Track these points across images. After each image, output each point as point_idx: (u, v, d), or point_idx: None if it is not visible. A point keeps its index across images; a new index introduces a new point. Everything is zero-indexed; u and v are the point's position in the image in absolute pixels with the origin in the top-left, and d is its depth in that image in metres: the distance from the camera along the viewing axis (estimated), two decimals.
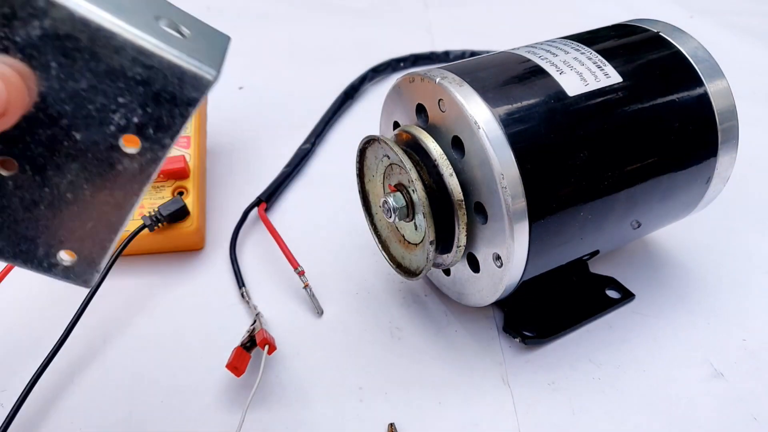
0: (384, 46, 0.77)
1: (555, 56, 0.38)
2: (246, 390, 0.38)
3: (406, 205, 0.38)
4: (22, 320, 0.43)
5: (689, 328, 0.43)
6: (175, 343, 0.42)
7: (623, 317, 0.43)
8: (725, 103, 0.40)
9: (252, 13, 0.88)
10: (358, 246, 0.49)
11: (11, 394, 0.38)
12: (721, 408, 0.38)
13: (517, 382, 0.39)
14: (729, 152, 0.41)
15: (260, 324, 0.41)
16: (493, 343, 0.42)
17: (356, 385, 0.39)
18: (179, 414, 0.37)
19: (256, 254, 0.49)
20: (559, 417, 0.37)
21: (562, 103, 0.35)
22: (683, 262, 0.48)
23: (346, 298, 0.45)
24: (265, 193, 0.53)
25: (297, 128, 0.62)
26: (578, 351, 0.41)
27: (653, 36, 0.41)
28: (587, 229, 0.37)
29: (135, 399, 0.38)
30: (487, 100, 0.34)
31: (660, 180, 0.38)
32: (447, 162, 0.36)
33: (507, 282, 0.36)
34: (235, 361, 0.37)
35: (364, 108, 0.68)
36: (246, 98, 0.70)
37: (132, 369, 0.40)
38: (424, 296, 0.45)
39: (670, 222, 0.44)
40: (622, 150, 0.36)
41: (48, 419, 0.37)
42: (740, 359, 0.41)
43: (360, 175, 0.43)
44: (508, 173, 0.33)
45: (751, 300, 0.45)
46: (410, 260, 0.40)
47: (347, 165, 0.47)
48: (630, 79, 0.37)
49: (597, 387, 0.39)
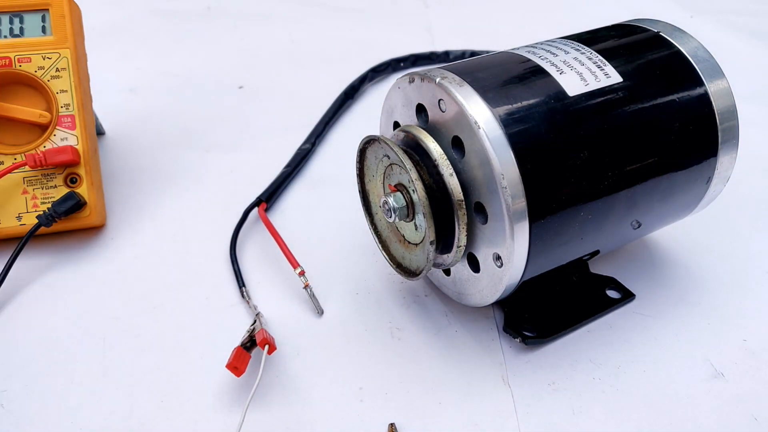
0: (384, 46, 0.77)
1: (555, 56, 0.38)
2: (245, 390, 0.38)
3: (406, 205, 0.38)
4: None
5: (689, 328, 0.43)
6: (175, 342, 0.42)
7: (623, 317, 0.43)
8: (725, 103, 0.40)
9: (252, 13, 0.88)
10: (358, 246, 0.49)
11: (11, 394, 0.38)
12: (721, 408, 0.38)
13: (517, 382, 0.39)
14: (729, 152, 0.41)
15: (260, 324, 0.41)
16: (493, 343, 0.42)
17: (356, 385, 0.39)
18: (179, 414, 0.37)
19: (256, 254, 0.49)
20: (560, 417, 0.37)
21: (562, 103, 0.35)
22: (683, 262, 0.48)
23: (346, 298, 0.45)
24: (265, 193, 0.53)
25: (297, 128, 0.62)
26: (578, 351, 0.41)
27: (653, 36, 0.41)
28: (587, 229, 0.37)
29: (135, 399, 0.38)
30: (487, 100, 0.34)
31: (660, 180, 0.38)
32: (447, 162, 0.36)
33: (507, 282, 0.36)
34: (235, 361, 0.37)
35: (364, 108, 0.68)
36: (246, 98, 0.70)
37: (132, 369, 0.40)
38: (424, 296, 0.45)
39: (671, 222, 0.44)
40: (623, 150, 0.36)
41: (48, 419, 0.37)
42: (740, 359, 0.41)
43: (360, 175, 0.43)
44: (508, 173, 0.33)
45: (751, 300, 0.45)
46: (410, 260, 0.40)
47: (347, 165, 0.47)
48: (630, 79, 0.38)
49: (597, 387, 0.39)
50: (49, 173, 0.46)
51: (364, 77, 0.70)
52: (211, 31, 0.84)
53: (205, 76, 0.74)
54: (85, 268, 0.47)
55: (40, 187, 0.46)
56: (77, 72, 0.47)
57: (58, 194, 0.46)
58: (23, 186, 0.46)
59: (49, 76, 0.47)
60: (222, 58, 0.77)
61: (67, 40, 0.47)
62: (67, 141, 0.47)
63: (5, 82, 0.47)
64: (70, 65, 0.47)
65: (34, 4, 0.47)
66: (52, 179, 0.47)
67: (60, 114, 0.47)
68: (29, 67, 0.46)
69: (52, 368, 0.39)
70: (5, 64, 0.46)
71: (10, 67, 0.46)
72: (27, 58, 0.46)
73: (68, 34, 0.47)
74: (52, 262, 0.47)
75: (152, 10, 0.87)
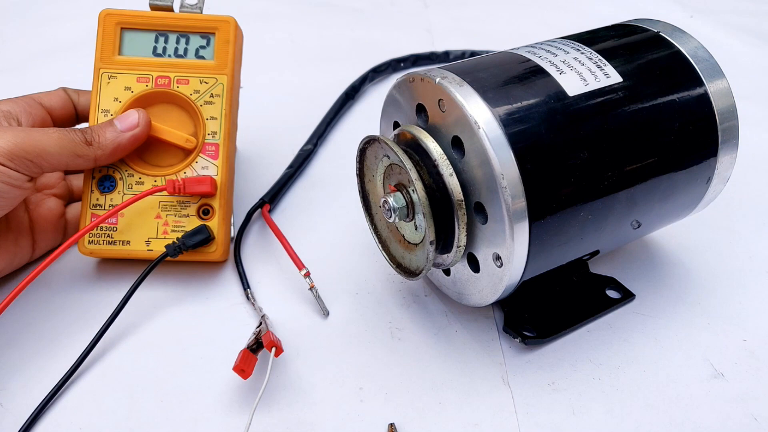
0: (384, 46, 0.77)
1: (555, 56, 0.38)
2: (245, 390, 0.38)
3: (406, 205, 0.38)
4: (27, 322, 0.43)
5: (689, 328, 0.43)
6: (180, 345, 0.41)
7: (623, 317, 0.44)
8: (725, 103, 0.40)
9: (252, 13, 0.88)
10: (359, 246, 0.49)
11: (11, 394, 0.38)
12: (721, 408, 0.38)
13: (517, 382, 0.39)
14: (729, 152, 0.41)
15: (267, 326, 0.40)
16: (493, 343, 0.42)
17: (356, 385, 0.39)
18: (179, 414, 0.37)
19: (259, 255, 0.49)
20: (560, 417, 0.37)
21: (562, 103, 0.35)
22: (683, 262, 0.48)
23: (346, 299, 0.45)
24: (268, 194, 0.53)
25: (297, 128, 0.62)
26: (578, 351, 0.41)
27: (653, 36, 0.41)
28: (587, 229, 0.37)
29: (137, 401, 0.38)
30: (487, 100, 0.34)
31: (660, 180, 0.38)
32: (447, 162, 0.36)
33: (507, 282, 0.36)
34: (242, 363, 0.37)
35: (365, 108, 0.68)
36: (246, 98, 0.70)
37: (136, 371, 0.40)
38: (424, 296, 0.45)
39: (671, 222, 0.44)
40: (622, 150, 0.36)
41: (48, 419, 0.37)
42: (740, 359, 0.41)
43: (360, 175, 0.43)
44: (508, 173, 0.33)
45: (751, 300, 0.45)
46: (410, 260, 0.40)
47: (348, 165, 0.47)
48: (630, 79, 0.38)
49: (597, 387, 0.39)
50: (185, 201, 0.45)
51: (364, 77, 0.70)
52: None
53: None
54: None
55: (173, 214, 0.45)
56: (230, 100, 0.46)
57: (189, 224, 0.44)
58: (158, 210, 0.45)
59: (203, 101, 0.45)
60: None
61: (226, 66, 0.46)
62: (207, 170, 0.45)
63: (160, 101, 0.46)
64: (225, 92, 0.46)
65: (203, 26, 0.46)
66: (185, 207, 0.45)
67: (206, 141, 0.45)
68: (186, 89, 0.45)
69: (53, 367, 0.39)
70: (164, 84, 0.45)
71: (168, 87, 0.45)
72: (185, 80, 0.45)
73: (229, 60, 0.46)
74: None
75: None
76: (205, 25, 0.46)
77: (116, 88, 0.45)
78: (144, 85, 0.45)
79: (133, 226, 0.44)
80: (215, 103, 0.46)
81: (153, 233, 0.44)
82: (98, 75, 0.45)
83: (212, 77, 0.46)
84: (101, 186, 0.45)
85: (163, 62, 0.46)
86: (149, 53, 0.46)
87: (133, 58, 0.46)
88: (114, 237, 0.44)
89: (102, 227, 0.44)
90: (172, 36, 0.46)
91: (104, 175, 0.45)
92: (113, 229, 0.44)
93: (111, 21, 0.46)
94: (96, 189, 0.45)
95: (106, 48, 0.46)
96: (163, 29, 0.46)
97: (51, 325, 0.42)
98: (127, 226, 0.44)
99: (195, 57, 0.46)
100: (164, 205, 0.45)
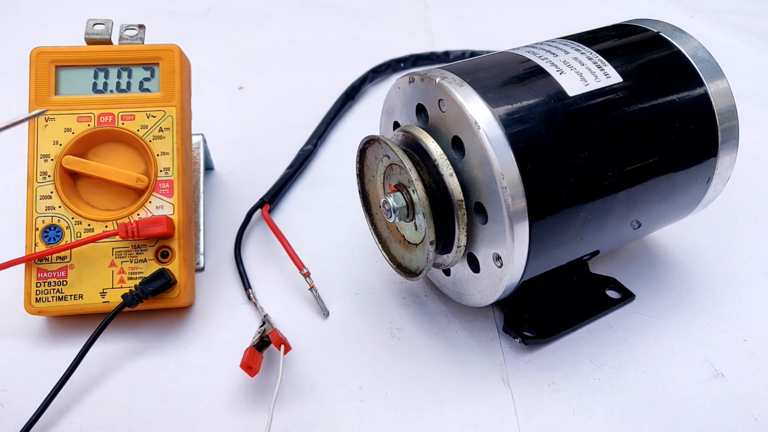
0: (384, 47, 0.77)
1: (555, 56, 0.38)
2: (245, 390, 0.38)
3: (406, 205, 0.38)
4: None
5: (689, 328, 0.43)
6: (182, 345, 0.42)
7: (623, 317, 0.44)
8: (725, 103, 0.40)
9: (252, 13, 0.88)
10: (359, 246, 0.49)
11: (11, 394, 0.38)
12: (721, 408, 0.38)
13: (517, 383, 0.39)
14: (729, 152, 0.41)
15: (271, 325, 0.40)
16: (493, 343, 0.42)
17: (356, 385, 0.39)
18: (179, 414, 0.37)
19: (259, 256, 0.49)
20: (560, 417, 0.37)
21: (562, 103, 0.35)
22: (683, 262, 0.48)
23: (346, 299, 0.45)
24: (268, 195, 0.53)
25: (298, 128, 0.62)
26: (578, 351, 0.41)
27: (653, 36, 0.41)
28: (587, 229, 0.37)
29: (135, 399, 0.38)
30: (487, 100, 0.34)
31: (660, 180, 0.38)
32: (447, 162, 0.36)
33: (507, 282, 0.36)
34: (249, 360, 0.37)
35: (365, 108, 0.68)
36: (246, 99, 0.70)
37: (137, 372, 0.40)
38: (424, 296, 0.45)
39: (671, 222, 0.44)
40: (623, 150, 0.36)
41: (48, 419, 0.37)
42: (740, 359, 0.41)
43: (360, 176, 0.43)
44: (508, 173, 0.33)
45: (751, 300, 0.45)
46: (410, 260, 0.40)
47: (348, 165, 0.47)
48: (630, 79, 0.38)
49: (597, 387, 0.39)
50: (141, 245, 0.41)
51: (364, 78, 0.70)
52: (211, 31, 0.84)
53: (205, 76, 0.74)
54: None
55: (129, 260, 0.41)
56: (180, 133, 0.43)
57: (148, 269, 0.41)
58: (111, 257, 0.41)
59: (152, 136, 0.43)
60: (222, 58, 0.77)
61: (174, 97, 0.43)
62: (162, 210, 0.42)
63: (105, 140, 0.43)
64: (175, 125, 0.43)
65: (145, 57, 0.43)
66: (142, 252, 0.41)
67: (158, 179, 0.42)
68: (132, 125, 0.43)
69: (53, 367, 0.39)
70: (108, 122, 0.42)
71: (113, 124, 0.42)
72: (131, 116, 0.43)
73: (177, 90, 0.43)
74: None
75: (152, 11, 0.87)
76: (148, 56, 0.44)
77: (55, 130, 0.42)
78: (86, 124, 0.42)
79: (84, 278, 0.41)
80: (165, 137, 0.43)
81: (108, 283, 0.41)
82: (34, 118, 0.41)
83: (160, 110, 0.43)
84: (45, 237, 0.41)
85: (105, 98, 0.43)
86: (89, 90, 0.43)
87: (71, 96, 0.43)
88: (64, 291, 0.41)
89: (50, 282, 0.40)
90: (113, 70, 0.43)
91: (48, 225, 0.41)
92: (63, 283, 0.41)
93: (44, 60, 0.43)
94: (41, 241, 0.41)
95: (41, 88, 0.43)
96: (102, 64, 0.43)
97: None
98: (78, 278, 0.41)
99: (139, 90, 0.43)
100: (118, 252, 0.41)
